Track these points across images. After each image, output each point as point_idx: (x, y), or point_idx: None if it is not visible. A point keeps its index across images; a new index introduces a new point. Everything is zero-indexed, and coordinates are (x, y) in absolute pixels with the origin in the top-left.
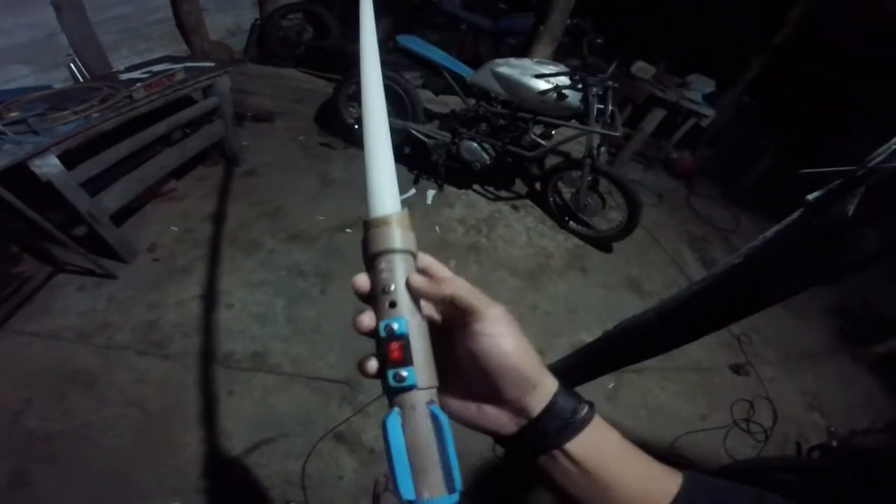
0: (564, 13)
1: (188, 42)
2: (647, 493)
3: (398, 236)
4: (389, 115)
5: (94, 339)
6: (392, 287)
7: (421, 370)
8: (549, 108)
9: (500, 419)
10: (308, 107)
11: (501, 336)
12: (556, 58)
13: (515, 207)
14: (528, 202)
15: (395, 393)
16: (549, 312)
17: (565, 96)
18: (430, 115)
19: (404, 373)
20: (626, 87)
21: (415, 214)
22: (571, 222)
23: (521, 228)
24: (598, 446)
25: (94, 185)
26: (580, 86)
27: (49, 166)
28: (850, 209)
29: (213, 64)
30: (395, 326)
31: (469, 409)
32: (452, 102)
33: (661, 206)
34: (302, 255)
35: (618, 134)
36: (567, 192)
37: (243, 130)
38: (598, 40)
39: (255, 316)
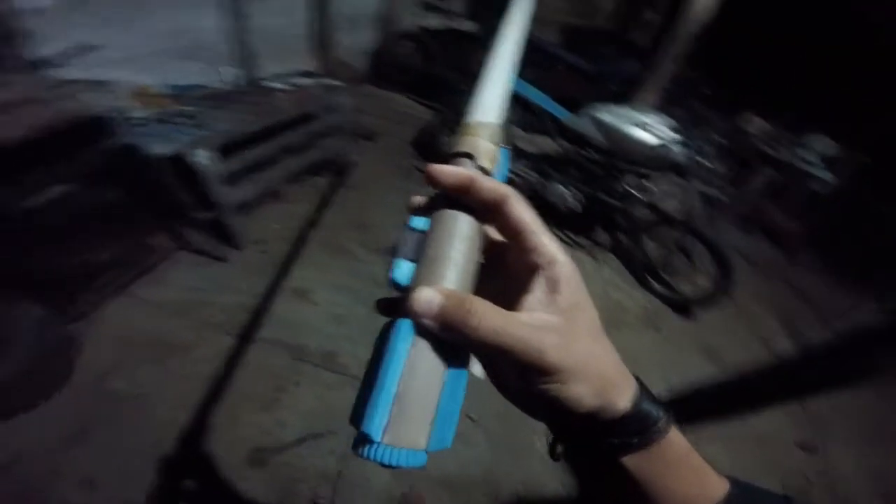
0: (674, 61)
1: (320, 58)
2: (695, 499)
3: (465, 142)
4: None
5: (192, 315)
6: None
7: (434, 269)
8: (648, 160)
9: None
10: (409, 130)
11: (581, 388)
12: (661, 106)
13: (594, 256)
14: (609, 253)
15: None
16: None
17: (667, 148)
18: (518, 153)
19: (401, 266)
20: (734, 142)
21: None
22: (652, 280)
23: (597, 279)
24: (660, 458)
25: (230, 180)
26: (684, 139)
27: (202, 157)
28: None
29: (341, 83)
30: (414, 223)
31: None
32: (543, 142)
33: (756, 276)
34: (383, 268)
35: (719, 194)
36: (652, 249)
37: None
38: (708, 91)
39: (335, 317)
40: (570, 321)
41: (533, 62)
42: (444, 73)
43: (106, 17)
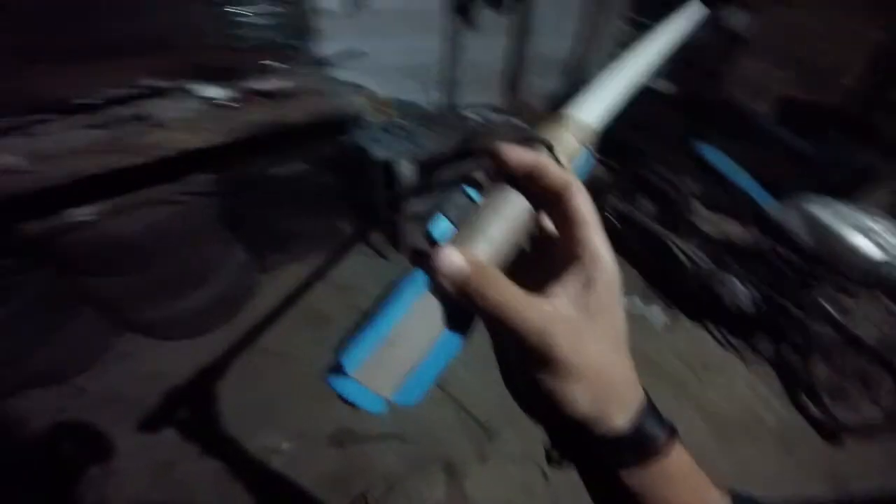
0: None
1: (508, 95)
2: None
3: (550, 130)
4: (647, 213)
5: (347, 296)
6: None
7: (469, 237)
8: (861, 274)
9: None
10: None
11: (578, 390)
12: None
13: (746, 362)
14: (767, 364)
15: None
16: (719, 467)
17: (890, 266)
18: (692, 231)
19: (440, 223)
20: None
21: (633, 329)
22: (808, 401)
23: (744, 387)
24: (660, 474)
25: (416, 191)
26: None
27: (405, 168)
28: None
29: (525, 126)
30: (467, 188)
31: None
32: (726, 226)
33: None
34: None
35: None
36: (822, 369)
37: None
38: None
39: None
40: (592, 322)
41: (740, 135)
42: (626, 132)
43: (368, 29)
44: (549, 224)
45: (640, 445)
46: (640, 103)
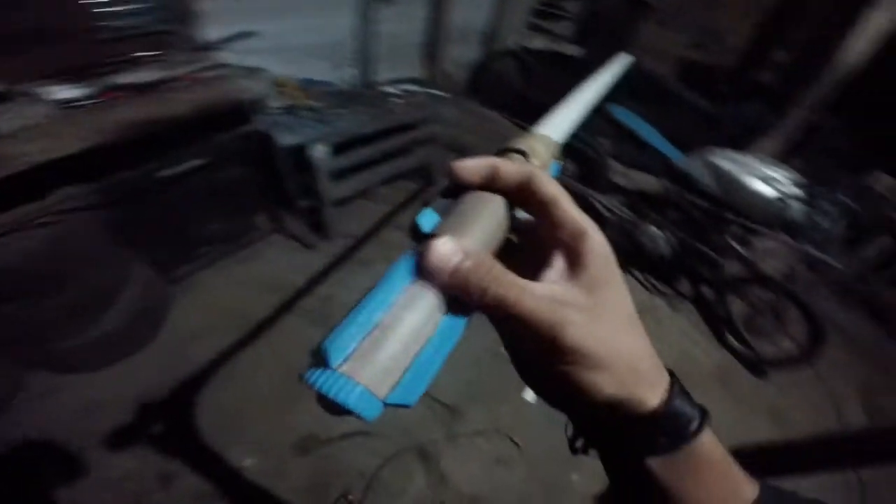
0: (809, 108)
1: (428, 67)
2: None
3: (524, 143)
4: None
5: (275, 295)
6: None
7: (456, 229)
8: (762, 215)
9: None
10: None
11: (602, 377)
12: (784, 156)
13: (672, 305)
14: (689, 304)
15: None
16: None
17: (785, 205)
18: (612, 188)
19: (429, 215)
20: (860, 203)
21: None
22: (730, 337)
23: (673, 329)
24: (689, 463)
25: (335, 175)
26: (806, 196)
27: (319, 152)
28: None
29: (447, 95)
30: (443, 195)
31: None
32: (641, 179)
33: (844, 347)
34: None
35: (830, 259)
36: (737, 305)
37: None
38: (843, 144)
39: None
40: (596, 299)
41: (646, 96)
42: (540, 96)
43: (263, 8)
44: (524, 215)
45: (671, 428)
46: (551, 67)
